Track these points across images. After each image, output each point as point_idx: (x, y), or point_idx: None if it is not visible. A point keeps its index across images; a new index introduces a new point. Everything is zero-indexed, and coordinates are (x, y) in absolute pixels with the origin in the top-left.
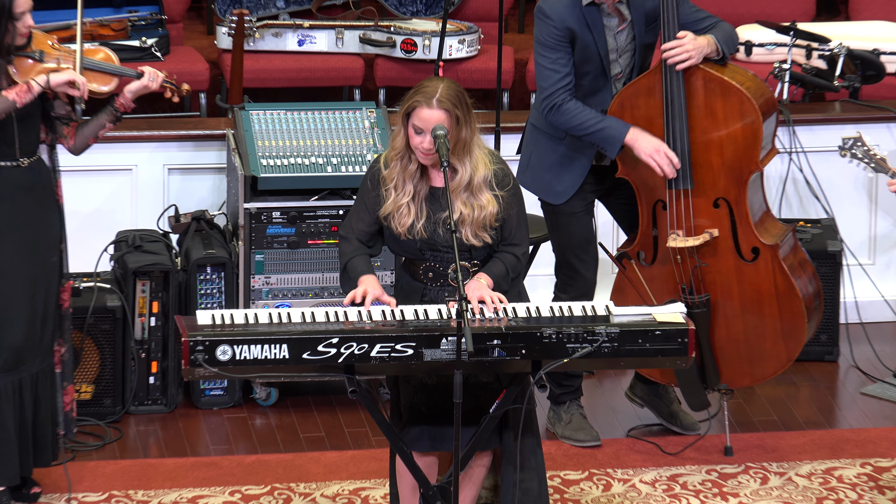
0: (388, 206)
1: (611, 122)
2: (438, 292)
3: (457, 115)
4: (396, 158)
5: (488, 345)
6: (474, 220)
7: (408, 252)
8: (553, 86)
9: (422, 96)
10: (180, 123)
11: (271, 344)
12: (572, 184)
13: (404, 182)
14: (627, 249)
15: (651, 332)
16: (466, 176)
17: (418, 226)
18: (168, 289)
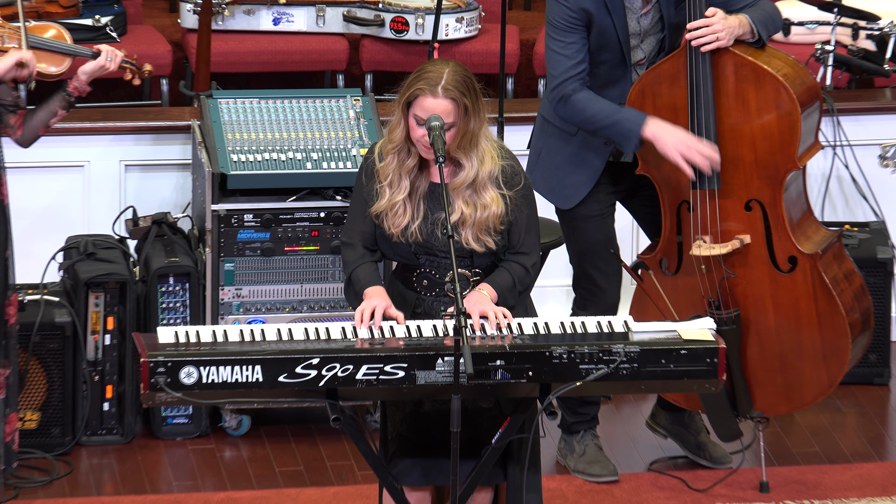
0: (382, 204)
1: (626, 114)
2: (433, 303)
3: (465, 104)
4: (393, 152)
5: (490, 366)
6: (476, 222)
7: (400, 256)
8: (563, 74)
9: (425, 83)
10: (139, 114)
11: (243, 365)
12: (584, 185)
13: (400, 178)
14: (648, 257)
15: (676, 352)
16: (472, 172)
17: (413, 227)
18: (125, 302)
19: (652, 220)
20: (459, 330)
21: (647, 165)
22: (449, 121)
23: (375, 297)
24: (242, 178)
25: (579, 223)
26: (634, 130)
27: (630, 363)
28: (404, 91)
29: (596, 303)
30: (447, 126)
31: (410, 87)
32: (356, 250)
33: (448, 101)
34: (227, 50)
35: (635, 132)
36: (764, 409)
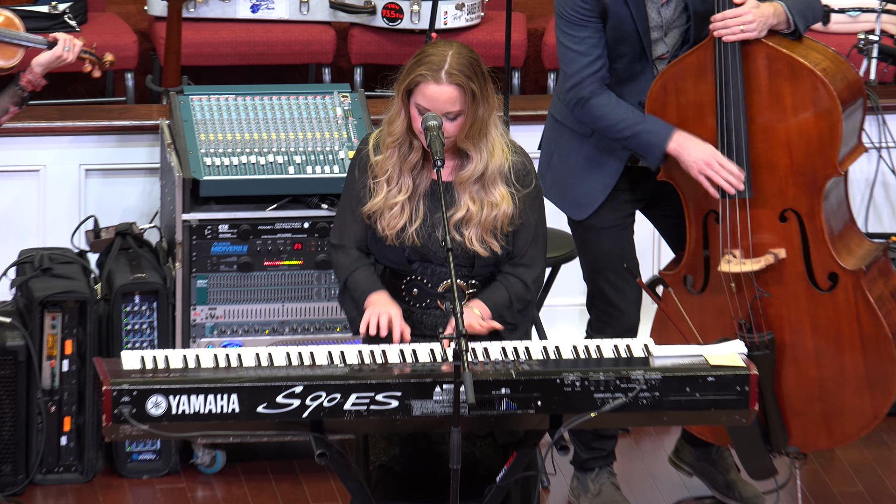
0: (377, 203)
1: (650, 125)
2: (423, 316)
3: (472, 89)
4: (394, 146)
5: (494, 395)
6: (483, 221)
7: (390, 261)
8: (579, 73)
9: (426, 68)
10: (101, 112)
11: (217, 394)
12: (599, 192)
13: (401, 175)
14: (671, 273)
15: (702, 379)
16: (481, 165)
17: (411, 230)
18: (85, 323)
19: (675, 231)
20: (460, 354)
21: (670, 170)
22: (455, 109)
23: (385, 304)
24: (217, 185)
25: (594, 235)
26: (658, 145)
27: (651, 392)
28: (403, 77)
29: (612, 324)
30: (453, 115)
31: (410, 73)
32: (349, 253)
33: (453, 87)
34: (200, 40)
35: (659, 146)
36: (801, 443)
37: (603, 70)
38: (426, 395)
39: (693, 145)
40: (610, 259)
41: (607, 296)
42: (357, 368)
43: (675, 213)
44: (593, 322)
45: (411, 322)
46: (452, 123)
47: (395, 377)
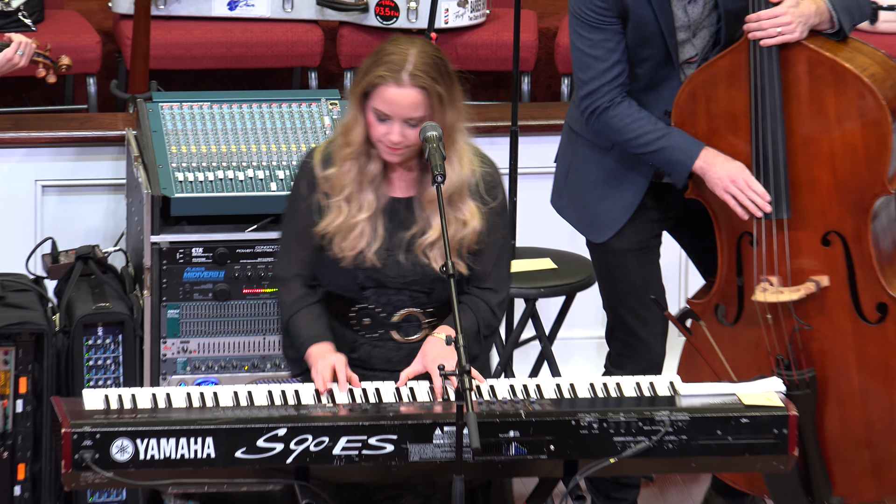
0: (334, 223)
1: (675, 141)
2: (373, 348)
3: (438, 92)
4: (352, 158)
5: (502, 438)
6: (450, 241)
7: (340, 287)
8: (595, 80)
9: (386, 69)
10: (59, 121)
11: (191, 437)
12: (622, 212)
13: (361, 190)
14: (701, 302)
15: (735, 421)
16: (453, 177)
17: (370, 252)
18: (42, 359)
19: (706, 255)
20: (462, 393)
21: (699, 187)
22: (418, 114)
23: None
24: (190, 203)
25: (615, 259)
26: (685, 163)
27: (677, 435)
28: (359, 79)
29: (635, 358)
30: (416, 121)
31: (368, 75)
32: (292, 289)
33: (416, 90)
34: (171, 41)
35: (685, 165)
36: (846, 493)
37: (622, 77)
38: (425, 439)
39: (720, 162)
40: (633, 286)
41: (629, 326)
42: (347, 409)
43: (705, 235)
44: (613, 356)
45: (360, 355)
46: (413, 130)
47: (391, 418)
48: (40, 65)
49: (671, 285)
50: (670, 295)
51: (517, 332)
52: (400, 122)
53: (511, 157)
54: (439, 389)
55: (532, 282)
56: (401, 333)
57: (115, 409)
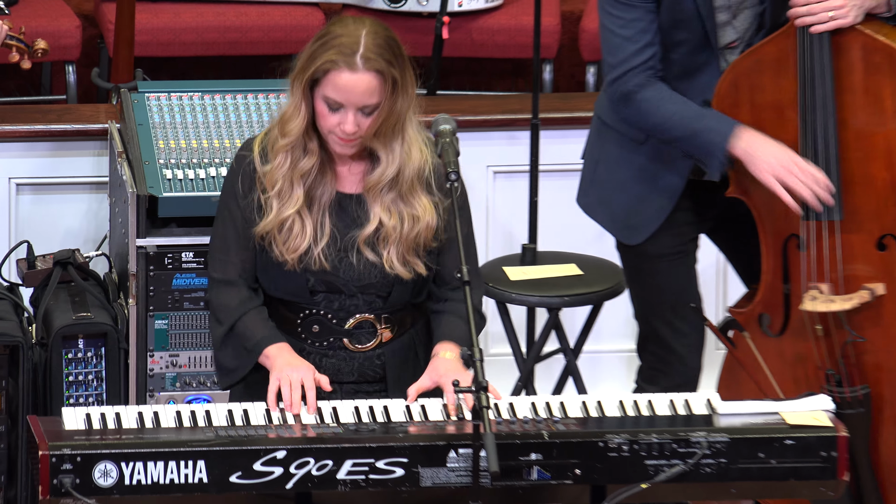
0: (269, 222)
1: (710, 122)
2: (322, 358)
3: (393, 76)
4: (286, 150)
5: (522, 461)
6: (403, 237)
7: (287, 291)
8: (624, 63)
9: (336, 53)
10: (35, 113)
11: (181, 460)
12: (656, 212)
13: (292, 185)
14: (743, 311)
15: (779, 442)
16: (391, 168)
17: (316, 252)
18: (16, 374)
19: (748, 260)
20: (480, 411)
21: (740, 185)
22: (373, 101)
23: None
24: (179, 203)
25: (648, 264)
26: (719, 144)
27: (715, 458)
28: (305, 65)
29: (668, 373)
30: (370, 108)
31: (316, 60)
32: (238, 291)
33: (371, 74)
34: (158, 25)
35: (720, 147)
36: None
37: (653, 60)
38: (438, 462)
39: (766, 145)
40: (667, 293)
41: (663, 338)
42: (353, 428)
43: (747, 238)
44: (645, 370)
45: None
46: (368, 119)
47: (400, 439)
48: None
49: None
50: (708, 304)
51: (539, 345)
52: (354, 110)
53: (532, 152)
54: (453, 406)
55: (555, 289)
56: (353, 341)
57: (98, 429)
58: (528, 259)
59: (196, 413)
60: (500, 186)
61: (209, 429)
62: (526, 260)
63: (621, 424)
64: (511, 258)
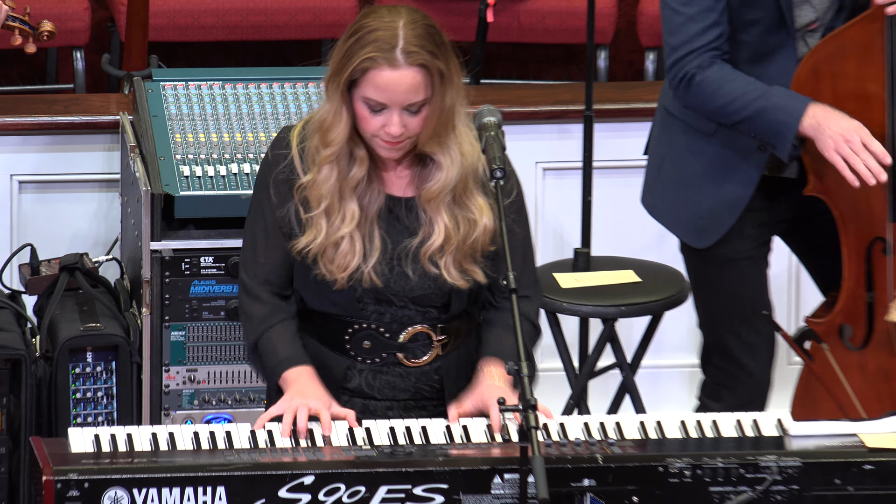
0: (317, 241)
1: (778, 99)
2: (375, 377)
3: (439, 69)
4: (331, 162)
5: (574, 487)
6: (461, 244)
7: (335, 305)
8: (686, 44)
9: (374, 49)
10: (40, 104)
11: (198, 486)
12: (727, 212)
13: (342, 199)
14: (821, 322)
15: (857, 467)
16: (454, 171)
17: (367, 269)
18: (19, 390)
19: (827, 265)
20: (527, 432)
21: (820, 182)
22: (419, 98)
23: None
24: (197, 202)
25: (716, 270)
26: (789, 123)
27: (787, 484)
28: (341, 66)
29: (734, 389)
30: (417, 106)
31: (352, 59)
32: (263, 301)
33: (414, 69)
34: (175, 7)
35: (791, 126)
36: None
37: (719, 41)
38: (482, 488)
39: (834, 119)
40: (736, 302)
41: (729, 350)
42: (388, 451)
43: (826, 242)
44: (708, 385)
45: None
46: (415, 118)
47: (440, 463)
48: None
49: (779, 300)
50: (779, 314)
51: (593, 359)
52: (398, 110)
53: (585, 147)
54: (497, 424)
55: (611, 298)
56: (408, 356)
57: (108, 451)
58: (581, 265)
59: (216, 434)
60: (550, 185)
61: (230, 452)
62: (578, 266)
63: (683, 447)
64: (562, 264)
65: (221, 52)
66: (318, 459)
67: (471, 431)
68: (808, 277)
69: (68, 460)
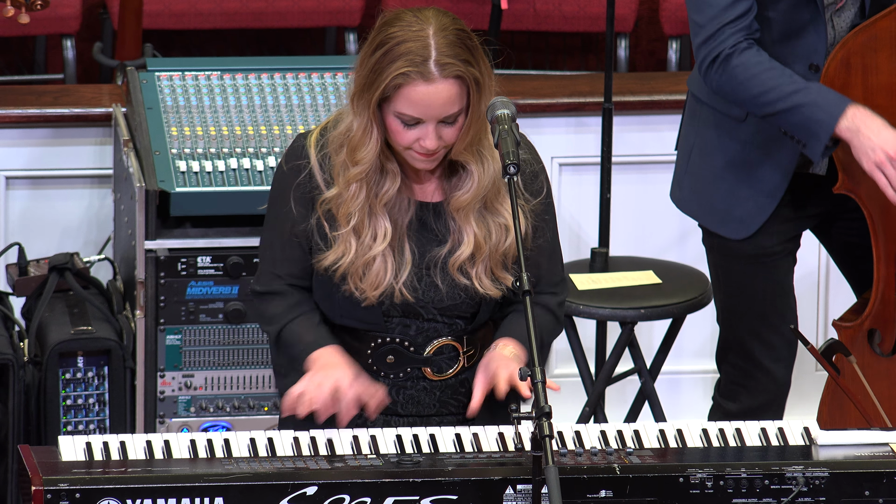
0: (346, 258)
1: (816, 95)
2: (400, 391)
3: (475, 77)
4: (359, 180)
5: (590, 498)
6: (493, 252)
7: (359, 321)
8: (714, 21)
9: (406, 63)
10: (28, 95)
11: (195, 496)
12: (760, 205)
13: (373, 217)
14: (851, 325)
15: (888, 478)
16: (487, 178)
17: (398, 286)
18: (6, 397)
19: (859, 265)
20: (541, 441)
21: (851, 179)
22: (455, 110)
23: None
24: (194, 199)
25: (739, 265)
26: (826, 123)
27: (814, 496)
28: (370, 82)
29: (751, 389)
30: (453, 117)
31: (383, 74)
32: (284, 297)
33: (450, 81)
34: None
35: (827, 126)
36: None
37: (748, 18)
38: (493, 500)
39: (875, 127)
40: (758, 300)
41: (748, 349)
42: (394, 460)
43: (857, 241)
44: (724, 384)
45: None
46: (451, 128)
47: (449, 473)
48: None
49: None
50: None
51: (610, 365)
52: (434, 123)
53: (604, 141)
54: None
55: (630, 300)
56: (434, 370)
57: (100, 461)
58: (599, 265)
59: (213, 442)
60: (566, 181)
61: (228, 461)
62: (596, 266)
63: (705, 457)
64: (579, 264)
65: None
66: (322, 469)
67: (482, 440)
68: (836, 280)
69: (59, 469)
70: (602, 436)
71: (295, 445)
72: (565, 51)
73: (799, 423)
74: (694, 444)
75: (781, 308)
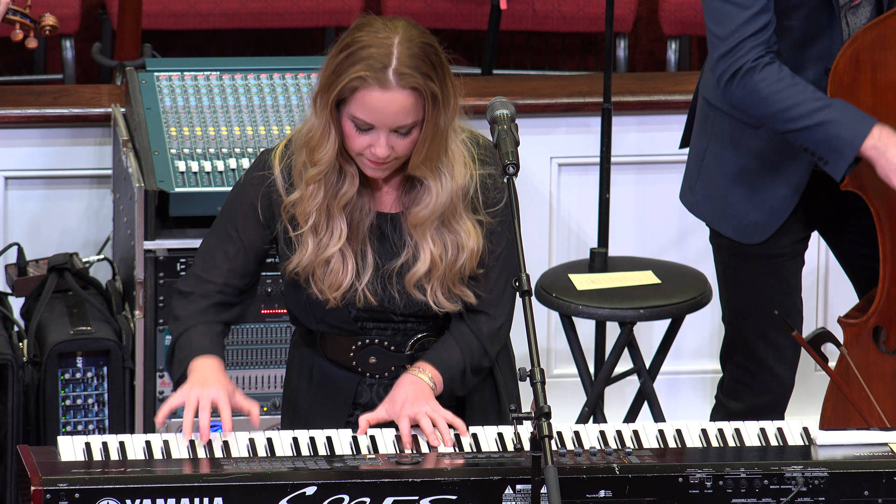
0: (305, 258)
1: (840, 113)
2: (386, 392)
3: (432, 92)
4: (318, 181)
5: (589, 498)
6: (448, 270)
7: (333, 326)
8: (735, 34)
9: (365, 67)
10: (27, 96)
11: (195, 497)
12: (776, 210)
13: (330, 217)
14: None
15: (887, 478)
16: (444, 195)
17: (360, 287)
18: (5, 397)
19: (864, 263)
20: (540, 441)
21: (858, 178)
22: (408, 122)
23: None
24: (193, 200)
25: (748, 265)
26: (852, 142)
27: (813, 496)
28: (330, 82)
29: (755, 389)
30: (406, 128)
31: (342, 76)
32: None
33: (406, 92)
34: None
35: (853, 144)
36: None
37: (768, 31)
38: (492, 500)
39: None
40: (765, 300)
41: (753, 349)
42: (393, 460)
43: (863, 240)
44: (727, 383)
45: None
46: (404, 140)
47: (449, 473)
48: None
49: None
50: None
51: (610, 365)
52: (386, 131)
53: (603, 142)
54: (406, 438)
55: (629, 300)
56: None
57: (99, 461)
58: (598, 265)
59: (213, 443)
60: (565, 181)
61: (228, 461)
62: (595, 266)
63: (704, 457)
64: (578, 264)
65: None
66: (321, 469)
67: (481, 440)
68: (837, 279)
69: (58, 469)
70: (601, 436)
71: (294, 446)
72: (564, 51)
73: (798, 423)
74: (693, 444)
75: (788, 309)
